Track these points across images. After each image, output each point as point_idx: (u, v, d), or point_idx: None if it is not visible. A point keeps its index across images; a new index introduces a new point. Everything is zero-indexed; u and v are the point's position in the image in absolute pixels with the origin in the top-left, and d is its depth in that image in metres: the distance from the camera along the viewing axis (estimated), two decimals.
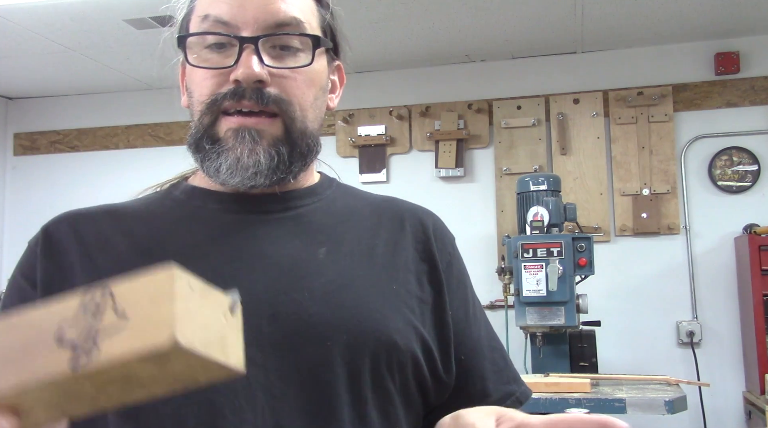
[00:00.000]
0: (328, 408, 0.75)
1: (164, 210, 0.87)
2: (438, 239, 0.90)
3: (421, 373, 0.81)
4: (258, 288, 0.77)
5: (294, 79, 0.82)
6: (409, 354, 0.80)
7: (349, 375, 0.76)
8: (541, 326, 2.89)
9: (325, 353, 0.75)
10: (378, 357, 0.77)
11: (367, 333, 0.77)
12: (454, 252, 0.92)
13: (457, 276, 0.90)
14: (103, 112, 4.54)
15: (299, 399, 0.74)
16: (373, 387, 0.77)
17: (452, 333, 0.85)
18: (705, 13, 3.48)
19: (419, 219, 0.91)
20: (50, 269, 0.81)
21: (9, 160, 4.70)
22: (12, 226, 4.59)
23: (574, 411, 0.56)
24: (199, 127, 0.83)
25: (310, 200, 0.88)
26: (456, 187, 4.05)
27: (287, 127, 0.82)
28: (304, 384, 0.74)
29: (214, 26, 0.81)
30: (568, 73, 3.98)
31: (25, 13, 3.29)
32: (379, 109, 4.14)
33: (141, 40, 3.62)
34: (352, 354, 0.76)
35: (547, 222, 3.00)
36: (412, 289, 0.84)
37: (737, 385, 3.63)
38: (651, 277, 3.78)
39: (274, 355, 0.74)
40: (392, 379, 0.79)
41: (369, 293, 0.81)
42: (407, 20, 3.46)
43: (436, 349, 0.83)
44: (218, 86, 0.81)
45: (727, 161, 3.78)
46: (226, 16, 0.80)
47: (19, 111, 4.70)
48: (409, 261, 0.86)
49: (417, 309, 0.83)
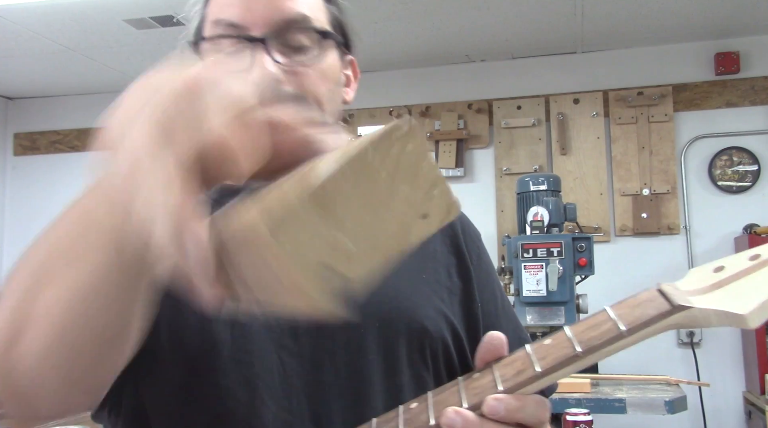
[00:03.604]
0: (364, 395, 0.76)
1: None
2: (466, 234, 0.92)
3: (451, 362, 0.83)
4: None
5: (307, 74, 0.82)
6: (441, 341, 0.81)
7: (384, 361, 0.78)
8: (541, 326, 2.89)
9: (358, 340, 0.77)
10: (411, 344, 0.79)
11: (399, 320, 0.79)
12: (482, 247, 0.95)
13: (486, 270, 0.92)
14: (103, 112, 4.53)
15: (335, 386, 0.75)
16: (408, 374, 0.79)
17: (482, 326, 0.87)
18: (705, 13, 3.48)
19: None
20: None
21: (9, 160, 4.70)
22: (12, 226, 4.59)
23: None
24: None
25: None
26: (456, 187, 4.03)
27: None
28: (339, 371, 0.76)
29: (226, 30, 0.82)
30: (568, 73, 3.98)
31: (25, 13, 3.29)
32: (379, 109, 4.14)
33: (141, 40, 3.62)
34: (385, 341, 0.78)
35: (547, 223, 3.00)
36: (442, 279, 0.86)
37: (737, 385, 3.63)
38: (651, 277, 3.77)
39: (309, 342, 0.76)
40: (425, 366, 0.80)
41: (400, 281, 0.81)
42: (407, 20, 3.46)
43: (466, 339, 0.85)
44: None
45: (727, 161, 3.78)
46: (236, 19, 0.81)
47: (19, 111, 4.70)
48: (438, 253, 0.88)
49: (447, 298, 0.85)
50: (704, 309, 0.52)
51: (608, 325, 0.54)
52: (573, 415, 1.95)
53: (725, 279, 0.53)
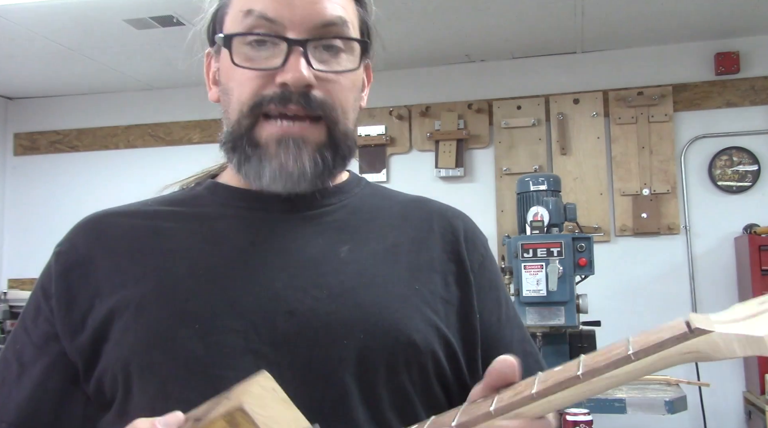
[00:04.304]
0: (342, 406, 0.74)
1: (186, 209, 0.86)
2: (468, 240, 0.88)
3: (443, 374, 0.80)
4: (277, 284, 0.77)
5: (339, 82, 0.81)
6: (429, 355, 0.78)
7: (365, 374, 0.75)
8: (541, 326, 2.88)
9: (338, 351, 0.75)
10: (395, 357, 0.76)
11: (384, 333, 0.76)
12: (487, 254, 0.90)
13: (489, 278, 0.88)
14: (103, 112, 4.54)
15: (312, 397, 0.73)
16: (388, 387, 0.76)
17: (481, 336, 0.84)
18: (705, 13, 3.48)
19: (448, 220, 0.90)
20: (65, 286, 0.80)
21: (9, 160, 4.69)
22: (12, 226, 4.58)
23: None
24: (237, 128, 0.81)
25: (337, 199, 0.87)
26: (456, 187, 4.05)
27: (330, 130, 0.81)
28: (317, 382, 0.74)
29: (259, 23, 0.78)
30: (568, 73, 3.98)
31: (25, 13, 3.29)
32: (379, 109, 4.14)
33: (141, 40, 3.62)
34: (366, 352, 0.75)
35: (547, 222, 2.99)
36: (437, 290, 0.83)
37: (737, 385, 3.63)
38: (651, 277, 3.78)
39: (289, 352, 0.74)
40: (410, 380, 0.77)
41: (389, 292, 0.80)
42: (407, 20, 3.46)
43: (461, 351, 0.82)
44: (262, 88, 0.79)
45: (727, 161, 3.78)
46: (271, 13, 0.78)
47: (19, 111, 4.70)
48: (435, 261, 0.85)
49: (441, 309, 0.82)
50: (725, 335, 0.47)
51: (620, 350, 0.50)
52: (573, 415, 1.95)
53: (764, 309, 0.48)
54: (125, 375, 0.74)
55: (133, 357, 0.74)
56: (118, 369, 0.74)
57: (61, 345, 0.78)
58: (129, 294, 0.77)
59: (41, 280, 0.83)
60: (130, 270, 0.79)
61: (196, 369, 0.73)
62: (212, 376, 0.72)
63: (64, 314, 0.79)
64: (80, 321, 0.78)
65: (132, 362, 0.74)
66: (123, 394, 0.75)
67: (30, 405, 0.79)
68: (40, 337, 0.80)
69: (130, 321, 0.75)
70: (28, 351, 0.80)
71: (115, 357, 0.75)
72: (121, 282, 0.78)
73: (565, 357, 2.99)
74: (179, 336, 0.74)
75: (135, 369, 0.74)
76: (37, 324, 0.80)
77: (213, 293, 0.76)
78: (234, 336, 0.74)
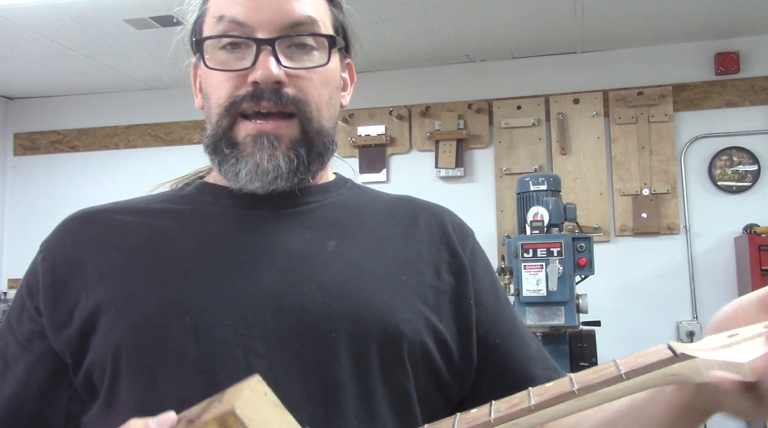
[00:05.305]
0: (334, 400, 0.74)
1: (175, 206, 0.88)
2: (457, 231, 0.91)
3: (434, 364, 0.81)
4: (265, 280, 0.78)
5: (310, 78, 0.82)
6: (419, 345, 0.79)
7: (356, 367, 0.76)
8: (541, 326, 2.89)
9: (329, 345, 0.75)
10: (385, 349, 0.77)
11: (373, 324, 0.77)
12: (476, 243, 0.93)
13: (482, 264, 0.91)
14: (103, 112, 4.54)
15: (304, 391, 0.74)
16: (382, 380, 0.77)
17: (480, 316, 0.85)
18: (705, 13, 3.48)
19: (434, 215, 0.92)
20: (52, 281, 0.81)
21: (9, 160, 4.70)
22: (12, 226, 4.58)
23: None
24: (217, 129, 0.84)
25: (323, 197, 0.89)
26: (456, 187, 4.05)
27: (304, 127, 0.83)
28: (308, 376, 0.74)
29: (230, 27, 0.81)
30: (568, 73, 3.98)
31: (25, 13, 3.29)
32: (379, 109, 4.14)
33: (141, 40, 3.62)
34: (357, 345, 0.76)
35: (547, 222, 2.99)
36: (426, 280, 0.84)
37: None
38: (651, 277, 3.78)
39: (279, 347, 0.75)
40: (403, 371, 0.78)
41: (376, 285, 0.81)
42: (407, 20, 3.46)
43: (453, 340, 0.83)
44: (236, 88, 0.82)
45: (727, 161, 3.78)
46: (241, 17, 0.80)
47: (19, 111, 4.71)
48: (424, 252, 0.86)
49: (432, 299, 0.83)
50: (707, 360, 0.52)
51: (610, 369, 0.54)
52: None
53: (736, 341, 0.54)
54: (114, 367, 0.75)
55: (123, 350, 0.75)
56: (108, 361, 0.75)
57: (45, 343, 0.79)
58: (117, 287, 0.78)
59: (26, 278, 0.84)
60: (118, 264, 0.80)
61: (186, 362, 0.73)
62: (202, 370, 0.73)
63: (51, 308, 0.79)
64: (68, 314, 0.78)
65: (121, 355, 0.74)
66: (109, 386, 0.75)
67: (13, 403, 0.80)
68: (24, 335, 0.81)
69: (119, 314, 0.76)
70: (12, 349, 0.81)
71: (105, 349, 0.75)
72: (109, 275, 0.79)
73: (565, 357, 2.99)
74: (169, 330, 0.74)
75: (124, 362, 0.74)
76: (21, 322, 0.82)
77: (202, 288, 0.77)
78: (224, 331, 0.75)
